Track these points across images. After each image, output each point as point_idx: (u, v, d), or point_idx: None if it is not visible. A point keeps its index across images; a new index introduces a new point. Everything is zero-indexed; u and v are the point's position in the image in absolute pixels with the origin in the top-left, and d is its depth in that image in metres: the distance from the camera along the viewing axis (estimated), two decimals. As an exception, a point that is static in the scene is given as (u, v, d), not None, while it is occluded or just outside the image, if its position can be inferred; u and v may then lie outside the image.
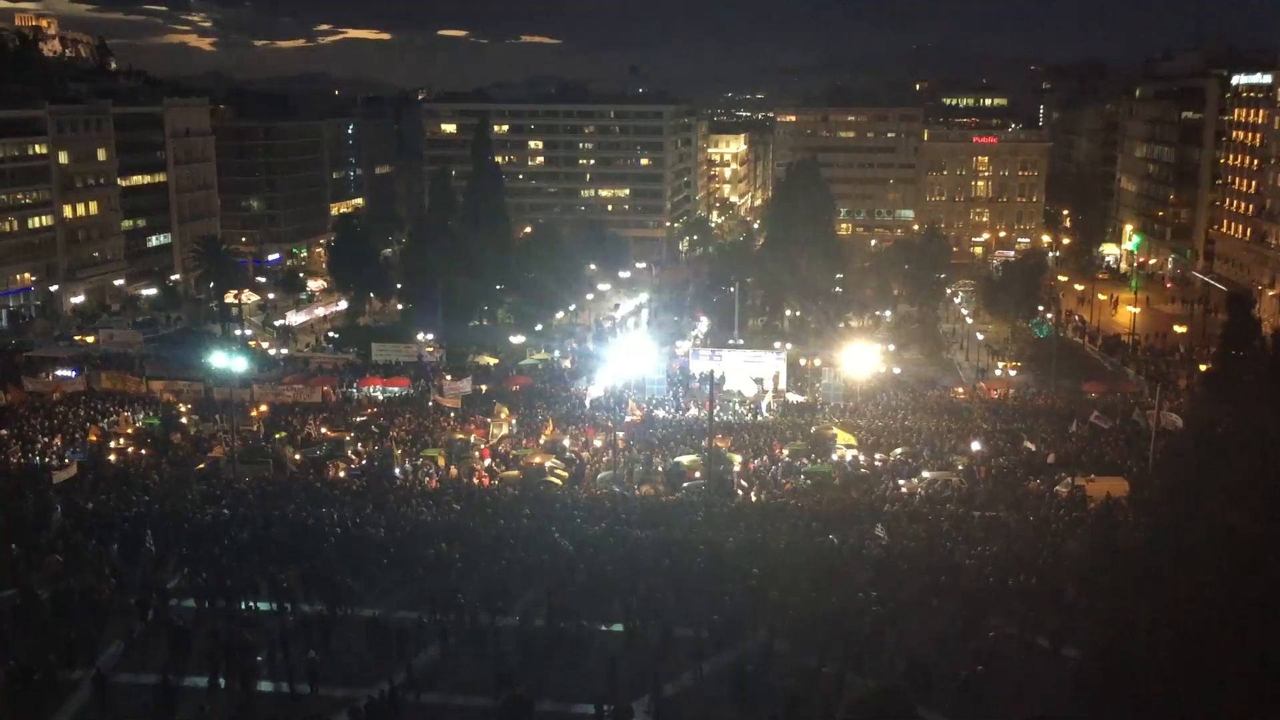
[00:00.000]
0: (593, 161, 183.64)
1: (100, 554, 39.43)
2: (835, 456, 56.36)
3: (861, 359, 77.35)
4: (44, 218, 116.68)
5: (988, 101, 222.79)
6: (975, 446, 56.79)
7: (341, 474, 53.23)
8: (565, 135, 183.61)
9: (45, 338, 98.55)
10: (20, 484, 48.59)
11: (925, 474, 53.03)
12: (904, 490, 50.66)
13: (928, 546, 41.02)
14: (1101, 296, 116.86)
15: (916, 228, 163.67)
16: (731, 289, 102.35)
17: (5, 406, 63.50)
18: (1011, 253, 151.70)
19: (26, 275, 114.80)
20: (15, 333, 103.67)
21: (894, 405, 68.77)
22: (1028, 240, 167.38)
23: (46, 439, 57.32)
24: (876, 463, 55.83)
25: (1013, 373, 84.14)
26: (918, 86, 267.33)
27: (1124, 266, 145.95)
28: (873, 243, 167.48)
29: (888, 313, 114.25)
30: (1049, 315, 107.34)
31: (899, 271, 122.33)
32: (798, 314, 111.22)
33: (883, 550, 40.33)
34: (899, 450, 57.19)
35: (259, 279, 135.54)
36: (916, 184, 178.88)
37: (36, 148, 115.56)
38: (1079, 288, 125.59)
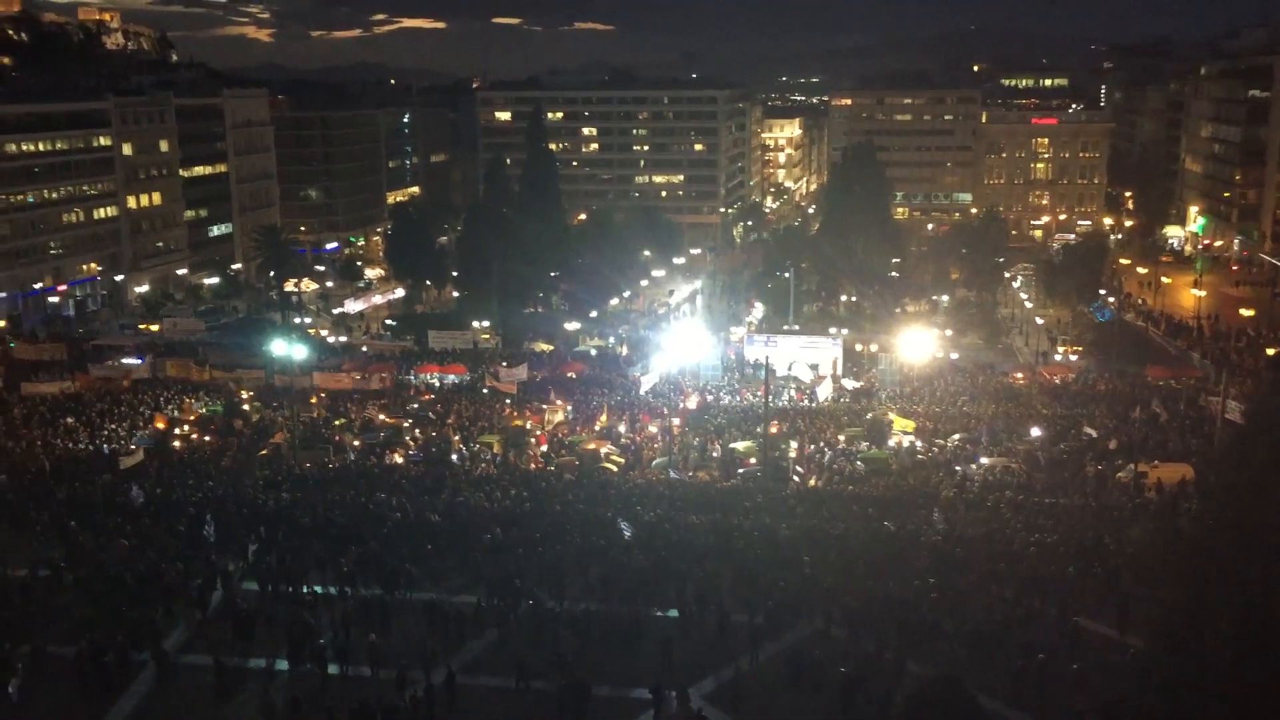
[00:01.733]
0: (646, 147, 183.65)
1: (167, 538, 40.25)
2: (892, 442, 55.92)
3: (918, 344, 76.61)
4: (109, 209, 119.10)
5: (1047, 82, 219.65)
6: (1035, 432, 56.03)
7: (400, 460, 53.81)
8: (619, 122, 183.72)
9: (111, 326, 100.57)
10: (89, 469, 49.67)
11: (984, 460, 52.45)
12: (962, 476, 50.15)
13: (986, 533, 40.63)
14: (1165, 280, 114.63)
15: (974, 211, 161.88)
16: (786, 274, 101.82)
17: (73, 394, 64.85)
18: (1072, 236, 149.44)
19: (93, 265, 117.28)
20: (82, 321, 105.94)
21: (952, 391, 68.05)
22: (1089, 223, 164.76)
23: (113, 425, 58.50)
24: (934, 449, 55.32)
25: (1073, 358, 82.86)
26: (976, 68, 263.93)
27: (1188, 249, 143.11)
28: (930, 226, 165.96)
29: (945, 297, 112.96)
30: (1111, 299, 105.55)
31: (956, 255, 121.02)
32: (853, 299, 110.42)
33: (940, 536, 40.00)
34: (957, 436, 56.60)
35: (317, 267, 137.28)
36: (974, 167, 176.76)
37: (101, 139, 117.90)
38: (1142, 271, 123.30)
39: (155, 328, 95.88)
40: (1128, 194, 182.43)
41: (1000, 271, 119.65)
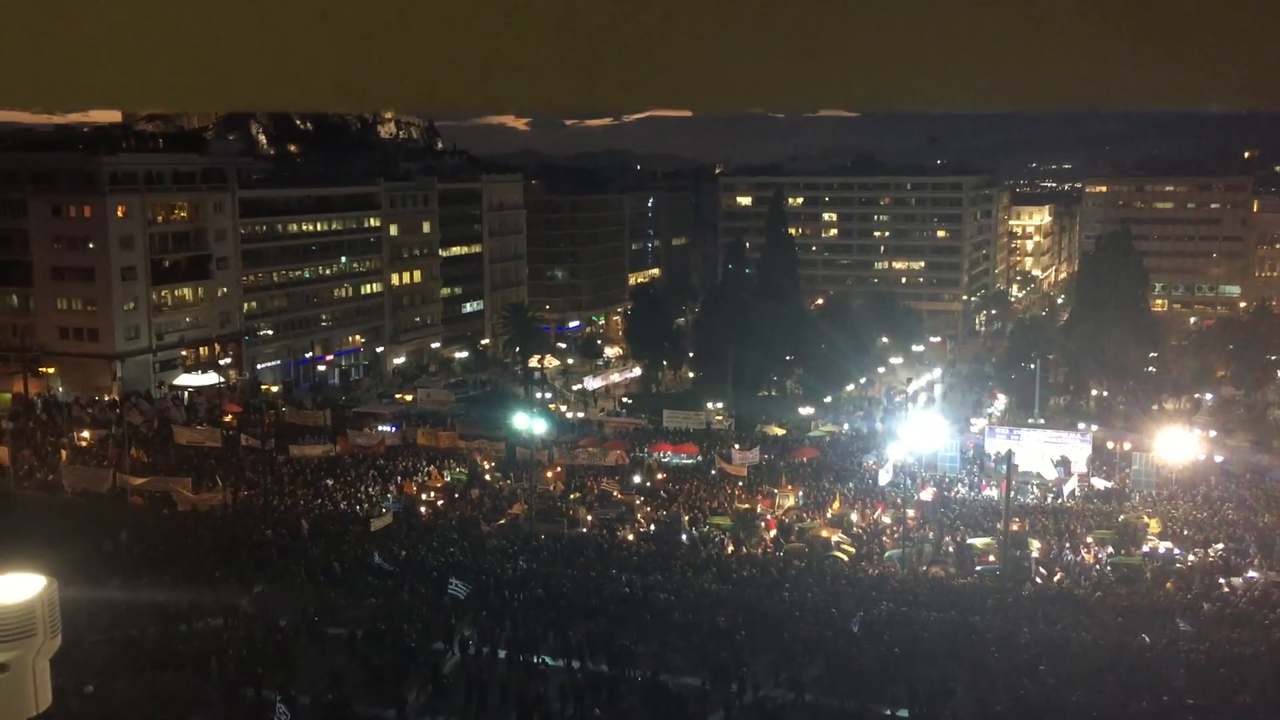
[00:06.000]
0: (887, 233, 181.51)
1: (411, 600, 42.08)
2: (1146, 548, 52.41)
3: (1178, 444, 71.77)
4: (375, 285, 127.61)
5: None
6: (1313, 547, 51.28)
7: (630, 537, 54.49)
8: (860, 207, 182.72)
9: (370, 395, 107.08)
10: (343, 529, 52.70)
11: (1253, 574, 48.34)
12: (1227, 590, 46.35)
13: (1255, 653, 37.26)
14: None
15: (1243, 305, 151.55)
16: (1032, 365, 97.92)
17: (334, 457, 69.14)
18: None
19: (357, 337, 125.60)
20: (345, 389, 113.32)
21: (1215, 496, 63.27)
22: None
23: (366, 488, 61.96)
24: (1193, 558, 51.43)
25: (1358, 466, 75.56)
26: (1246, 154, 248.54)
27: None
28: (1192, 320, 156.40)
29: (1209, 396, 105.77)
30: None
31: (1222, 351, 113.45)
32: (1105, 394, 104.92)
33: (1204, 654, 36.96)
34: (1220, 545, 52.47)
35: (560, 344, 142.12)
36: (1244, 258, 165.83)
37: (372, 221, 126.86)
38: None
39: (409, 398, 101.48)
40: None
41: (1273, 369, 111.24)
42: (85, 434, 72.81)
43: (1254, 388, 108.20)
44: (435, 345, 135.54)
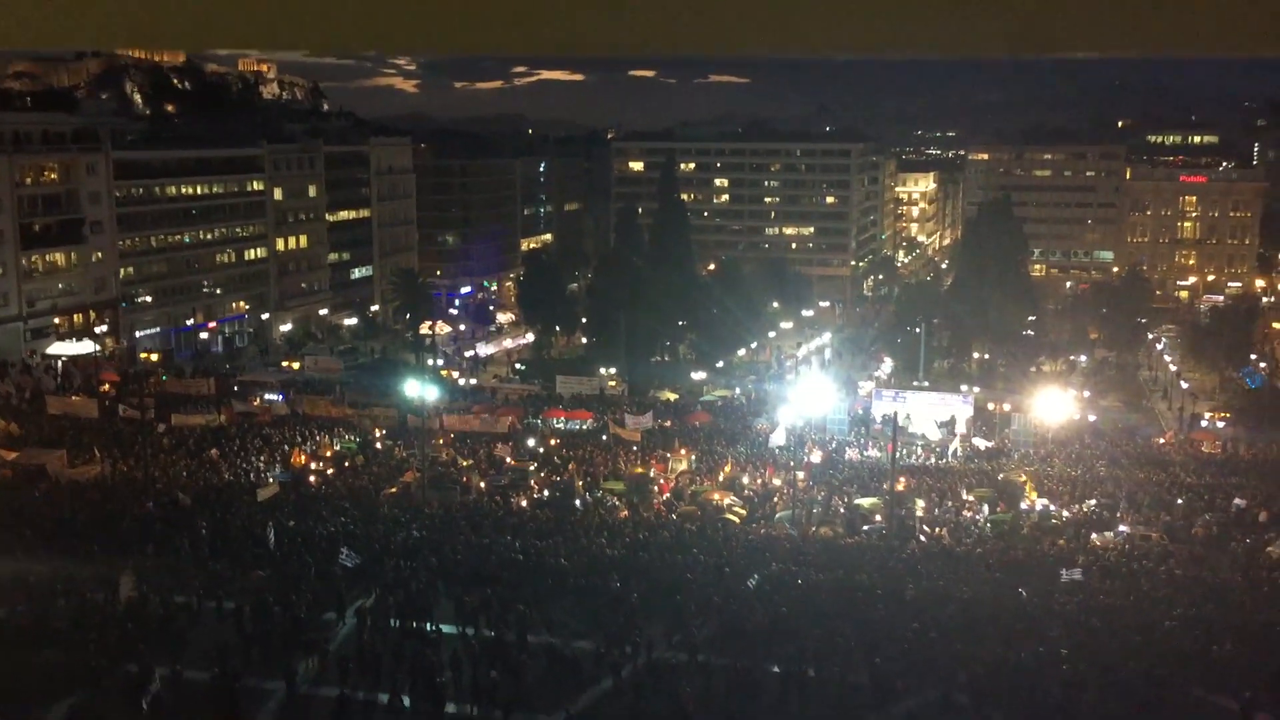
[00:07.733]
0: (778, 199, 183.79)
1: (299, 571, 41.36)
2: (1024, 505, 54.30)
3: (1054, 405, 74.43)
4: (259, 250, 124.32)
5: (1196, 139, 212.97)
6: (1178, 501, 53.68)
7: (524, 503, 54.37)
8: (751, 173, 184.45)
9: (256, 363, 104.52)
10: (229, 501, 51.44)
11: (1122, 528, 50.49)
12: (1098, 544, 48.33)
13: (1123, 604, 38.98)
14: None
15: (1116, 270, 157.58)
16: (917, 329, 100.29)
17: (218, 427, 67.37)
18: (1221, 297, 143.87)
19: (241, 304, 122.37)
20: (229, 357, 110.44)
21: (1089, 454, 65.83)
22: (1239, 284, 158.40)
23: (253, 459, 60.54)
24: (1067, 514, 53.47)
25: (1220, 424, 79.40)
26: (1120, 124, 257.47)
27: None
28: (1068, 284, 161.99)
29: (1083, 358, 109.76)
30: (1262, 364, 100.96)
31: (1096, 315, 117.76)
32: (986, 356, 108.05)
33: (1075, 605, 38.52)
34: (1092, 501, 54.66)
35: (451, 311, 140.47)
36: (1117, 224, 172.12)
37: (254, 184, 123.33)
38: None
39: (296, 365, 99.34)
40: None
41: (1143, 332, 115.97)
42: (-49, 406, 69.69)
43: (1125, 349, 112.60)
44: (323, 312, 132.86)
